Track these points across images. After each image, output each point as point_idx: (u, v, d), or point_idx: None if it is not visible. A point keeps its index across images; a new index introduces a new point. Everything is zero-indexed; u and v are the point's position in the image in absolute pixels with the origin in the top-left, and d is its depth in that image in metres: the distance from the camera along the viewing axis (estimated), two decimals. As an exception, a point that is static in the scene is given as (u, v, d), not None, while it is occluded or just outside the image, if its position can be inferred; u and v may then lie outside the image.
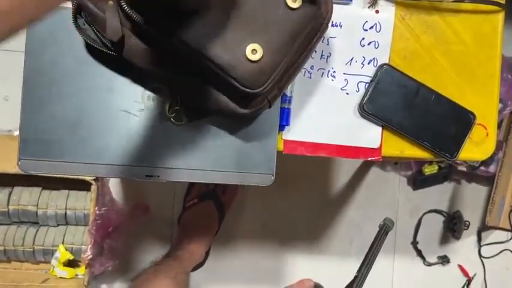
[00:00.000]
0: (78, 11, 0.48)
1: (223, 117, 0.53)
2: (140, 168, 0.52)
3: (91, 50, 0.51)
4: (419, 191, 1.22)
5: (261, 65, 0.45)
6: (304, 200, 1.18)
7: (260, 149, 0.54)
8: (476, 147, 0.61)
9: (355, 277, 0.66)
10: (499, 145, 1.11)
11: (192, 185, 1.13)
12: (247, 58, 0.44)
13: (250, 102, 0.49)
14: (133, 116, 0.52)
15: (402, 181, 1.22)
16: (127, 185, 1.12)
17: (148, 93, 0.53)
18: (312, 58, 0.58)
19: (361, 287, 0.66)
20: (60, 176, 1.02)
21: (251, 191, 1.16)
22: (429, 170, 1.15)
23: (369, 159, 0.59)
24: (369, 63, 0.59)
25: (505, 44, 0.63)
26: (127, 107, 0.52)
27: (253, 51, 0.44)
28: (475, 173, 1.17)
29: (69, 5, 0.47)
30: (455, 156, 0.60)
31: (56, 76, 0.51)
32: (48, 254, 1.04)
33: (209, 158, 0.53)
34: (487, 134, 0.61)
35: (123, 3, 0.44)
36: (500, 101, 1.03)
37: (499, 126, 1.11)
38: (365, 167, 1.21)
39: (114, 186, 1.10)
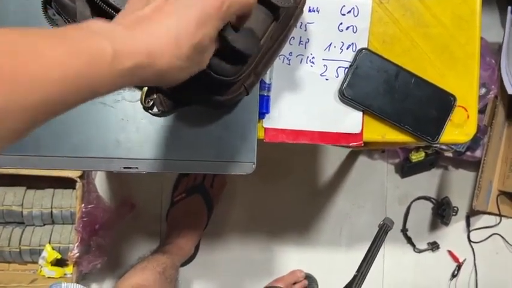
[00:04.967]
0: (48, 1, 0.47)
1: (201, 106, 0.52)
2: (117, 160, 0.51)
3: (63, 41, 0.50)
4: (407, 179, 1.22)
5: None
6: (293, 190, 1.18)
7: (240, 137, 0.54)
8: (457, 130, 0.61)
9: (355, 276, 0.65)
10: (484, 130, 1.11)
11: (179, 179, 1.12)
12: None
13: (227, 89, 0.48)
14: (109, 107, 0.51)
15: (390, 169, 1.22)
16: (113, 182, 1.11)
17: (124, 84, 0.52)
18: (290, 44, 0.58)
19: (361, 286, 0.65)
20: (44, 174, 1.01)
21: (239, 184, 1.15)
22: (416, 157, 1.15)
23: (351, 144, 0.59)
24: (347, 48, 0.59)
25: (487, 29, 0.62)
26: (102, 98, 0.51)
27: (225, 39, 0.43)
28: (461, 159, 1.17)
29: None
30: (437, 139, 0.60)
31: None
32: (35, 254, 1.02)
33: (188, 148, 0.53)
34: (468, 116, 0.61)
35: None
36: (484, 85, 1.03)
37: (484, 111, 1.11)
38: (352, 156, 1.21)
39: (100, 183, 1.09)
